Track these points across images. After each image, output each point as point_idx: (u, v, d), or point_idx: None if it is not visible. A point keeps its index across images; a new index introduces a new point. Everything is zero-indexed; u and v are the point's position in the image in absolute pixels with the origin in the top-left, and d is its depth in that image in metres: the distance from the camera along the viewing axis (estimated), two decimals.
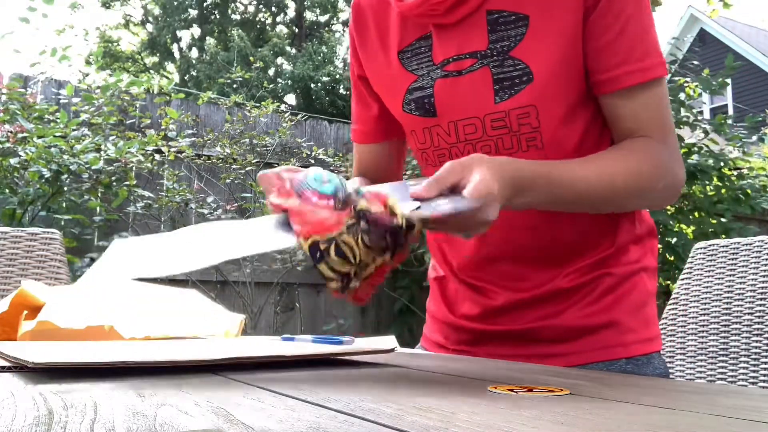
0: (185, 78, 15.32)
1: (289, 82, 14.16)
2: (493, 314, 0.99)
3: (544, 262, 0.96)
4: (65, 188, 3.33)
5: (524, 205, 0.82)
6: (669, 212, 4.39)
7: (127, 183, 3.56)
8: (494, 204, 0.72)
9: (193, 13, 16.20)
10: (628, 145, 0.90)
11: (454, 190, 0.72)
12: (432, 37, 0.95)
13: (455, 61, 0.93)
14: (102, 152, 3.39)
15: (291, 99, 14.63)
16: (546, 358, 0.93)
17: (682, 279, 1.28)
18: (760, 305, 1.15)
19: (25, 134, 3.23)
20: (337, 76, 14.22)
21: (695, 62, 4.74)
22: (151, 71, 16.15)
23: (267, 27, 16.92)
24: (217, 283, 4.06)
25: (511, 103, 0.89)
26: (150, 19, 16.65)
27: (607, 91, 0.90)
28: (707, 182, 4.38)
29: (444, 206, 0.70)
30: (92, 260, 3.38)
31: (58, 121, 3.45)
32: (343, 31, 17.05)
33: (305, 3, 16.58)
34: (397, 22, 0.99)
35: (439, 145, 0.97)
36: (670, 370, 1.25)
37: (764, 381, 1.11)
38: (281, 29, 17.03)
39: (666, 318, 1.28)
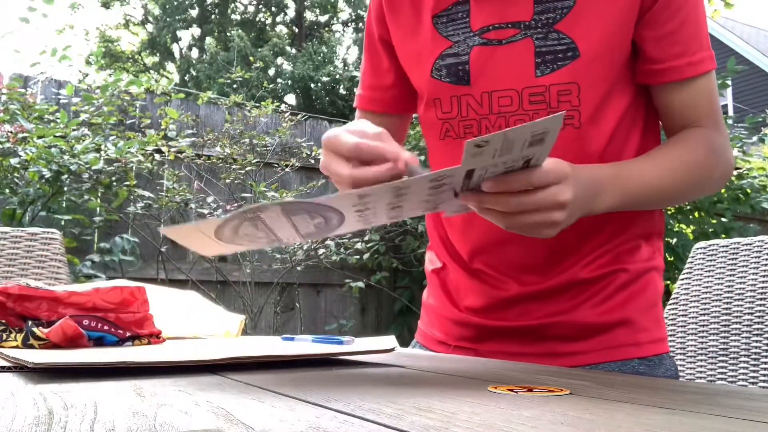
0: (185, 78, 15.32)
1: (289, 82, 14.16)
2: (501, 307, 0.95)
3: (559, 250, 0.92)
4: (65, 188, 3.33)
5: (604, 209, 0.82)
6: (669, 212, 4.39)
7: (127, 183, 3.56)
8: (568, 188, 0.70)
9: (193, 13, 16.20)
10: (686, 136, 0.91)
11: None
12: (470, 3, 0.92)
13: (495, 30, 0.90)
14: (102, 152, 3.39)
15: (291, 99, 14.63)
16: (556, 357, 0.90)
17: (682, 279, 1.28)
18: (760, 305, 1.15)
19: (25, 134, 3.23)
20: (337, 76, 14.22)
21: None
22: (151, 71, 16.15)
23: (267, 27, 16.92)
24: (217, 283, 4.06)
25: (553, 78, 0.87)
26: (150, 19, 16.65)
27: (665, 80, 0.90)
28: None
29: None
30: (93, 263, 3.38)
31: (58, 121, 3.45)
32: (343, 31, 17.05)
33: (305, 3, 16.58)
34: None
35: (468, 115, 0.92)
36: None
37: (764, 381, 1.11)
38: (281, 29, 17.02)
39: (666, 318, 1.28)
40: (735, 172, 4.52)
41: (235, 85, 8.66)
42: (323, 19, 17.11)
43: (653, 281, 0.97)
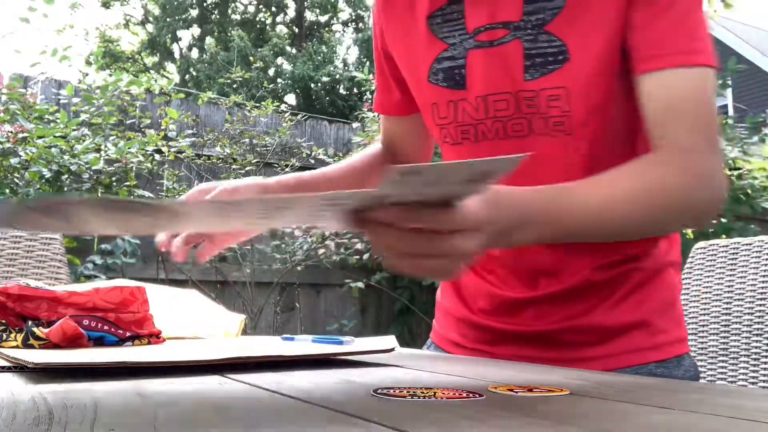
0: (185, 78, 15.32)
1: (289, 82, 14.16)
2: (514, 310, 0.91)
3: (572, 253, 0.88)
4: (65, 188, 3.33)
5: (527, 241, 0.72)
6: None
7: (128, 183, 3.56)
8: (482, 236, 0.58)
9: (193, 13, 16.20)
10: (659, 154, 0.79)
11: None
12: (465, 2, 0.88)
13: (487, 31, 0.86)
14: (102, 152, 3.39)
15: (291, 99, 14.63)
16: (572, 362, 0.86)
17: (682, 279, 1.28)
18: (760, 305, 1.15)
19: (25, 134, 3.23)
20: (337, 76, 14.22)
21: None
22: (151, 71, 16.15)
23: (267, 27, 16.92)
24: (217, 283, 4.06)
25: (542, 82, 0.82)
26: (150, 19, 16.65)
27: (638, 71, 0.81)
28: None
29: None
30: (94, 264, 3.38)
31: (58, 121, 3.45)
32: (343, 31, 17.05)
33: (305, 3, 16.58)
34: None
35: (464, 120, 0.89)
36: None
37: (764, 381, 1.11)
38: (281, 29, 17.03)
39: None
40: (735, 173, 4.52)
41: (235, 85, 8.66)
42: (323, 19, 17.10)
43: (669, 278, 0.92)
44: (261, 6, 16.98)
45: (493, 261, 0.94)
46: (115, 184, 3.52)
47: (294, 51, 15.46)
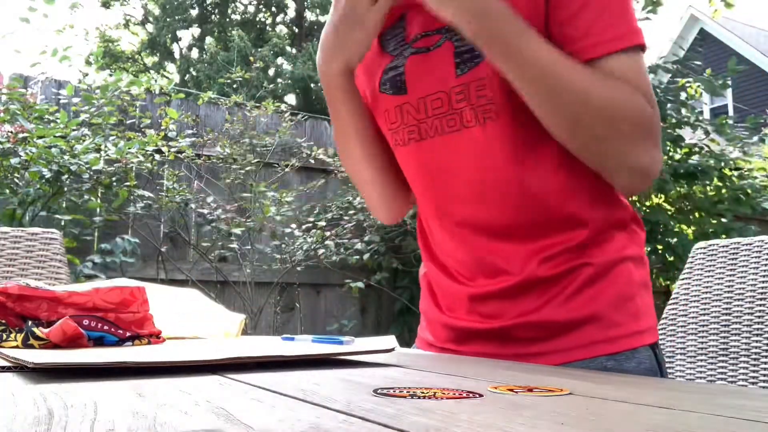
0: (185, 78, 15.32)
1: (289, 82, 14.16)
2: (469, 306, 0.96)
3: (517, 236, 0.92)
4: (65, 188, 3.33)
5: (484, 36, 0.83)
6: (669, 212, 4.39)
7: (128, 183, 3.56)
8: None
9: (193, 13, 16.20)
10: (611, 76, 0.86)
11: None
12: (406, 18, 0.99)
13: (423, 38, 0.96)
14: (102, 152, 3.39)
15: (291, 99, 14.63)
16: (528, 357, 0.90)
17: (682, 279, 1.28)
18: (760, 305, 1.15)
19: (25, 134, 3.23)
20: None
21: (697, 62, 4.74)
22: (151, 71, 16.15)
23: (267, 27, 16.92)
24: (217, 283, 4.06)
25: (471, 75, 0.90)
26: (150, 19, 16.65)
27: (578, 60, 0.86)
28: (708, 182, 4.38)
29: None
30: (94, 263, 3.38)
31: (58, 121, 3.45)
32: None
33: (305, 3, 16.58)
34: None
35: (409, 122, 0.98)
36: (670, 371, 1.25)
37: (764, 381, 1.11)
38: (281, 29, 17.02)
39: (666, 318, 1.28)
40: (735, 173, 4.53)
41: (235, 85, 8.65)
42: (323, 19, 17.09)
43: (627, 272, 0.93)
44: (261, 6, 16.98)
45: (446, 252, 1.00)
46: (115, 184, 3.52)
47: (294, 51, 15.46)
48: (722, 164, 4.32)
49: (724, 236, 4.06)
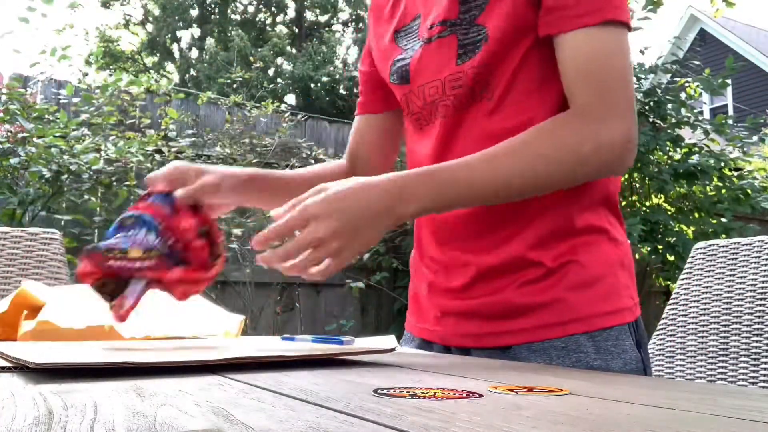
0: (185, 78, 15.32)
1: (289, 82, 14.16)
2: (444, 285, 0.98)
3: (493, 222, 0.93)
4: (65, 188, 3.33)
5: (413, 213, 0.83)
6: (669, 212, 4.39)
7: (128, 183, 3.56)
8: (319, 219, 0.78)
9: (193, 13, 16.20)
10: (545, 123, 0.86)
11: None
12: (421, 17, 1.01)
13: (429, 30, 0.99)
14: (102, 152, 3.39)
15: (291, 99, 14.63)
16: (494, 336, 0.91)
17: (682, 279, 1.28)
18: (760, 305, 1.15)
19: (25, 134, 3.23)
20: (337, 76, 14.22)
21: (696, 62, 4.74)
22: (151, 71, 16.15)
23: (267, 27, 16.91)
24: (217, 283, 4.06)
25: (470, 63, 0.93)
26: (150, 19, 16.64)
27: (553, 33, 0.86)
28: (707, 182, 4.38)
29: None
30: None
31: (58, 121, 3.45)
32: (343, 31, 17.05)
33: (305, 3, 16.57)
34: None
35: (413, 110, 1.03)
36: (670, 371, 1.25)
37: (764, 381, 1.11)
38: (281, 29, 17.01)
39: (666, 318, 1.28)
40: (735, 173, 4.53)
41: (235, 85, 8.66)
42: (323, 19, 17.10)
43: (596, 253, 0.92)
44: (261, 6, 16.98)
45: (430, 229, 1.02)
46: (115, 183, 3.52)
47: (294, 51, 15.45)
48: (722, 164, 4.32)
49: (724, 236, 4.06)
